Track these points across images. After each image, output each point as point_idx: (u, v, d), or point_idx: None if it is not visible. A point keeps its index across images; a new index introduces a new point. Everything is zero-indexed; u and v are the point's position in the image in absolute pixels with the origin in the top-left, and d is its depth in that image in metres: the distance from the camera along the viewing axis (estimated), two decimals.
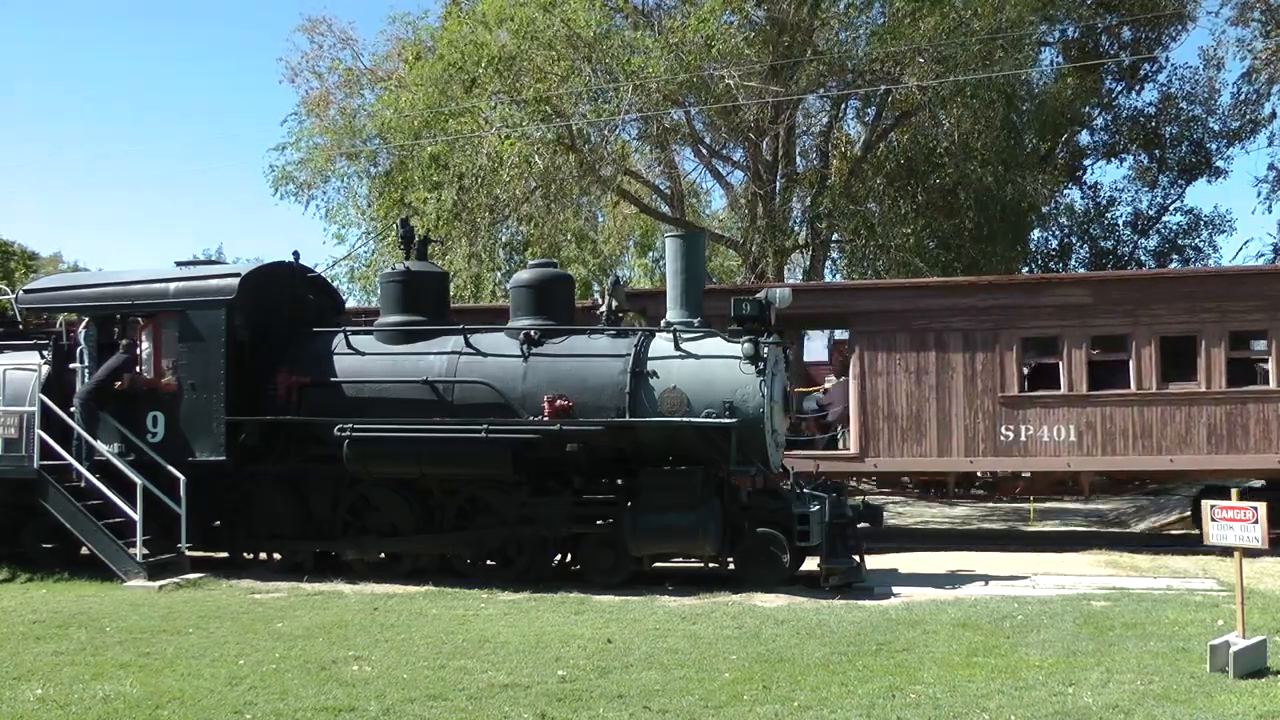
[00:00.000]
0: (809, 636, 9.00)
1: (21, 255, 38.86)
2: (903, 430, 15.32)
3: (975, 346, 15.15)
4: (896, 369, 15.36)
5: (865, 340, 15.51)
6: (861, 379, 15.43)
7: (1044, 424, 14.92)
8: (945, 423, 15.17)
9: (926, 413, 15.23)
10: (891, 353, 15.40)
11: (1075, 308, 15.04)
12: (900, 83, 21.10)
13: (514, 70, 20.69)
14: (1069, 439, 14.81)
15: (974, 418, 15.09)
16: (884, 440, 15.35)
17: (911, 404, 15.29)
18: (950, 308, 15.31)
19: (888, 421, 15.34)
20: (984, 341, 15.14)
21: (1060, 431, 14.86)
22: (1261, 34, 24.96)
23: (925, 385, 15.25)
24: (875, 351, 15.49)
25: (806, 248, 24.82)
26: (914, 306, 15.46)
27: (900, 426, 15.32)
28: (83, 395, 12.93)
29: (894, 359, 15.37)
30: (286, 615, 10.26)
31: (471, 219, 22.05)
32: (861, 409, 15.42)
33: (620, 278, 14.20)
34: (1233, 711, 6.58)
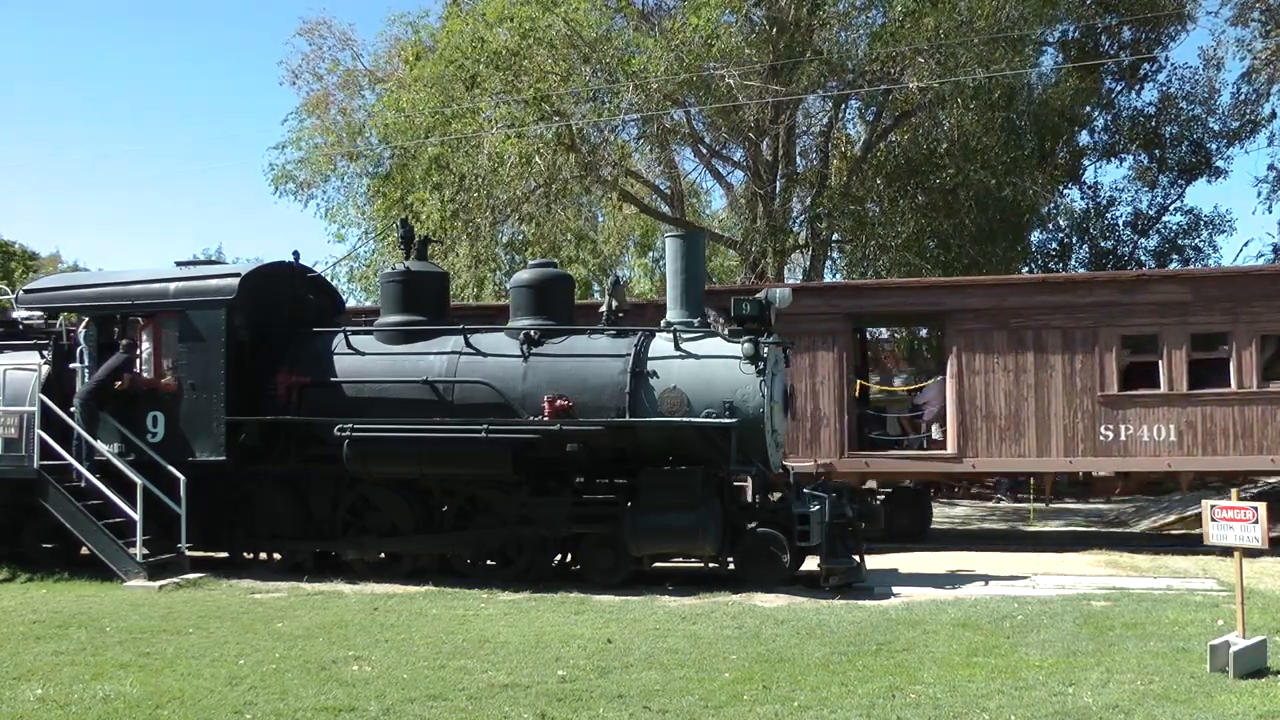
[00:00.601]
0: (809, 636, 9.00)
1: (21, 255, 38.87)
2: (1000, 430, 15.20)
3: (1074, 344, 15.05)
4: (994, 368, 15.25)
5: (962, 339, 15.38)
6: (959, 378, 15.32)
7: (1143, 423, 14.83)
8: (1044, 422, 15.07)
9: (1025, 412, 15.11)
10: (989, 351, 15.29)
11: (1174, 305, 14.95)
12: (900, 83, 21.10)
13: (514, 69, 20.70)
14: (1169, 438, 14.72)
15: (1073, 417, 14.99)
16: (982, 440, 15.24)
17: (1010, 403, 15.19)
18: (1048, 305, 15.20)
19: (985, 421, 15.24)
20: (1083, 340, 15.05)
21: (1160, 431, 14.77)
22: (1261, 34, 24.95)
23: (1024, 384, 15.14)
24: (973, 350, 15.36)
25: (806, 248, 24.83)
26: (1011, 304, 15.32)
27: (998, 426, 15.21)
28: (83, 395, 12.94)
29: (992, 358, 15.26)
30: (286, 615, 10.26)
31: (472, 219, 22.05)
32: (959, 408, 15.29)
33: (620, 278, 14.20)
34: (1233, 711, 6.58)
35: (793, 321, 15.33)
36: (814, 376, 15.68)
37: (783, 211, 23.42)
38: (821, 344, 15.71)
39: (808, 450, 15.51)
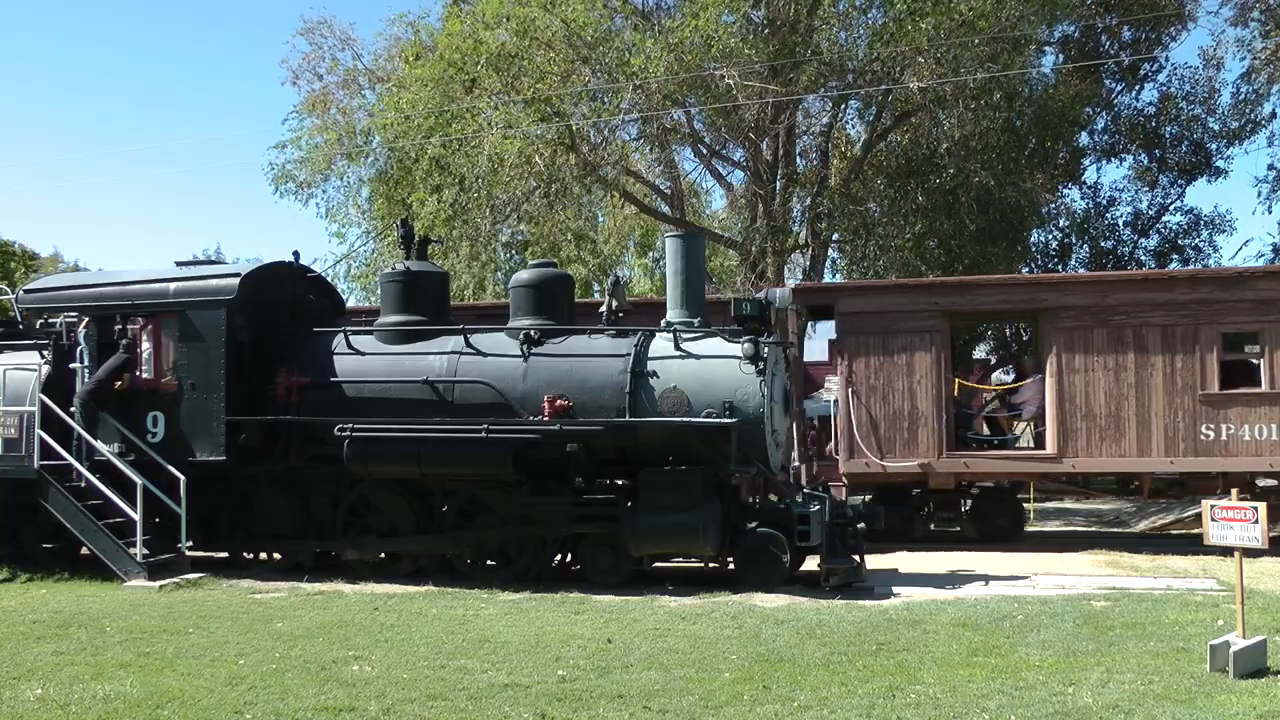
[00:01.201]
0: (809, 636, 9.00)
1: (21, 255, 38.85)
2: (1101, 429, 15.02)
3: (1174, 342, 14.88)
4: (1094, 366, 15.08)
5: (1062, 337, 15.20)
6: (1058, 376, 15.15)
7: (1245, 422, 14.65)
8: (1145, 421, 14.87)
9: (1126, 411, 14.93)
10: (1089, 349, 15.12)
11: (1276, 302, 14.73)
12: (900, 83, 21.09)
13: (513, 70, 20.69)
14: (1271, 437, 14.54)
15: (1174, 416, 14.81)
16: (1082, 439, 15.06)
17: (1110, 402, 14.99)
18: (1149, 302, 15.01)
19: (1085, 420, 15.06)
20: (1183, 337, 14.86)
21: (1262, 430, 14.59)
22: (1261, 34, 24.93)
23: (1124, 383, 14.96)
24: (1073, 348, 15.17)
25: (806, 248, 24.80)
26: (1113, 301, 15.13)
27: (1099, 425, 15.03)
28: (83, 395, 12.94)
29: (1092, 356, 15.10)
30: (287, 615, 10.27)
31: (471, 219, 22.04)
32: (1058, 407, 15.13)
33: (620, 278, 14.20)
34: (1233, 711, 6.59)
35: (889, 319, 15.37)
36: (911, 375, 15.43)
37: (783, 211, 23.39)
38: (919, 342, 15.44)
39: (906, 450, 15.29)
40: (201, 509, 13.02)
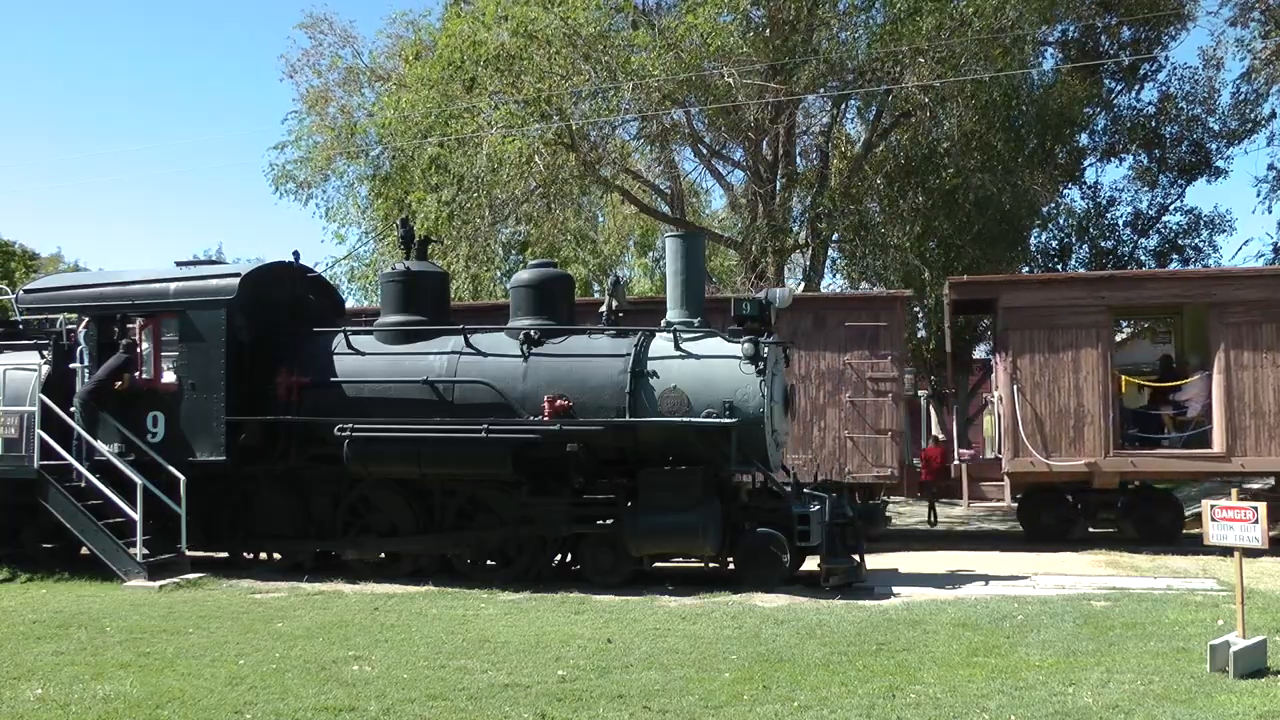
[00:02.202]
0: (809, 636, 9.00)
1: (22, 255, 38.84)
2: (1270, 428, 14.84)
3: None
4: (1264, 363, 14.90)
5: (1230, 333, 15.01)
6: (1226, 373, 14.98)
7: None
8: None
9: None
10: (1259, 345, 14.93)
11: None
12: (900, 83, 21.09)
13: (513, 69, 20.68)
14: None
15: None
16: (1250, 438, 14.86)
17: None
18: None
19: (1254, 418, 14.87)
20: None
21: None
22: (1261, 34, 24.91)
23: None
24: (1241, 345, 14.98)
25: (806, 248, 24.80)
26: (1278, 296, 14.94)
27: (1268, 424, 14.86)
28: (83, 395, 12.94)
29: (1261, 352, 14.91)
30: (287, 615, 10.27)
31: (471, 219, 22.03)
32: (1226, 405, 14.93)
33: (620, 278, 14.20)
34: (1233, 711, 6.58)
35: (1054, 314, 15.24)
36: (1077, 372, 15.23)
37: (783, 211, 23.37)
38: (1084, 338, 15.26)
39: (1072, 449, 15.13)
40: (201, 509, 13.02)
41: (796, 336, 15.75)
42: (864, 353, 16.05)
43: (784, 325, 15.73)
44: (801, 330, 15.97)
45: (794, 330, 15.78)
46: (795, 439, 15.61)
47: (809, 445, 15.99)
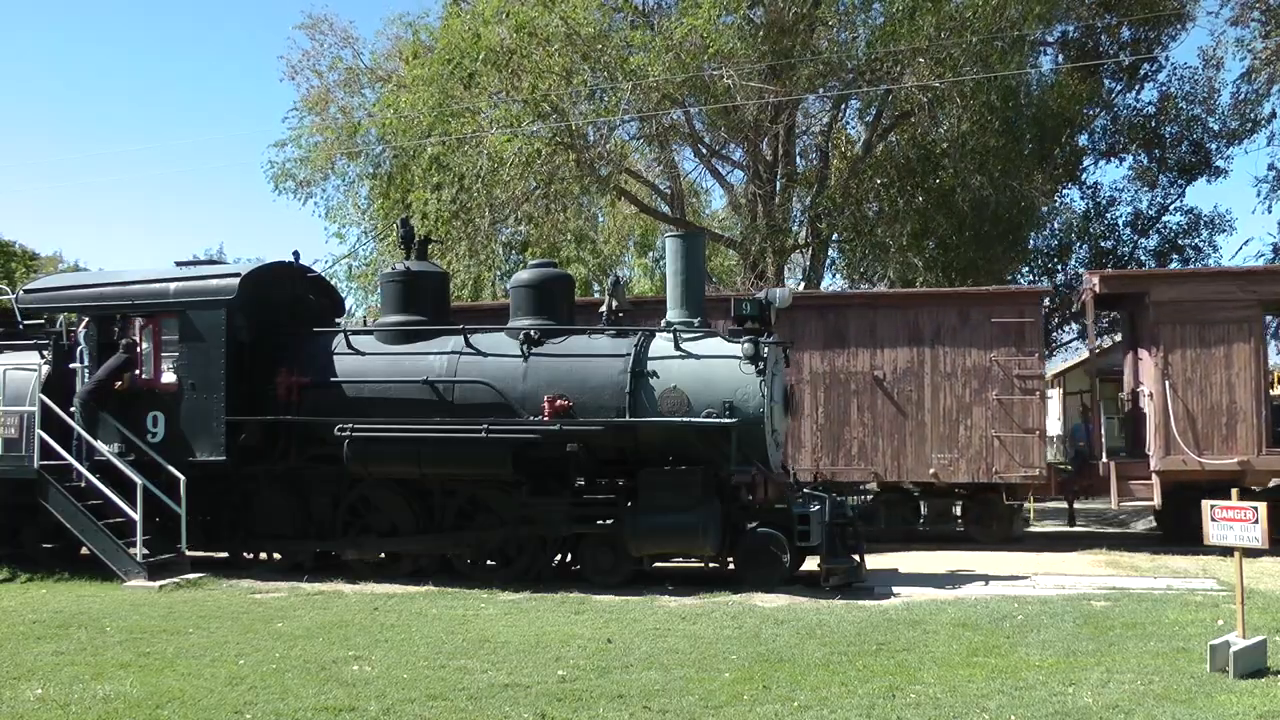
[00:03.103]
0: (809, 636, 9.00)
1: (22, 255, 38.82)
2: None
3: None
4: None
5: None
6: None
7: None
8: None
9: None
10: None
11: None
12: (900, 83, 21.09)
13: (512, 68, 20.68)
14: None
15: None
16: None
17: None
18: None
19: None
20: None
21: None
22: (1261, 34, 24.91)
23: None
24: None
25: (806, 248, 24.81)
26: None
27: None
28: (83, 395, 12.94)
29: None
30: (287, 615, 10.27)
31: (471, 219, 22.03)
32: None
33: (620, 278, 14.20)
34: (1233, 711, 6.58)
35: (1205, 309, 15.10)
36: (1229, 368, 15.00)
37: (783, 211, 23.38)
38: (1236, 333, 15.04)
39: (1224, 447, 14.91)
40: (202, 509, 13.01)
41: (942, 332, 15.66)
42: (1010, 349, 15.72)
43: (928, 320, 15.80)
44: (946, 326, 15.80)
45: (938, 326, 15.70)
46: (941, 437, 15.58)
47: (954, 444, 15.68)
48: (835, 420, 15.99)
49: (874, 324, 16.03)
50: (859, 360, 16.02)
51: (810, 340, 16.04)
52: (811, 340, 16.05)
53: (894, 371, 15.90)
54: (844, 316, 16.16)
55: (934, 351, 15.81)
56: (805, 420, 15.95)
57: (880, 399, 15.89)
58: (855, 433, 15.93)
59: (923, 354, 15.84)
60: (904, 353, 15.89)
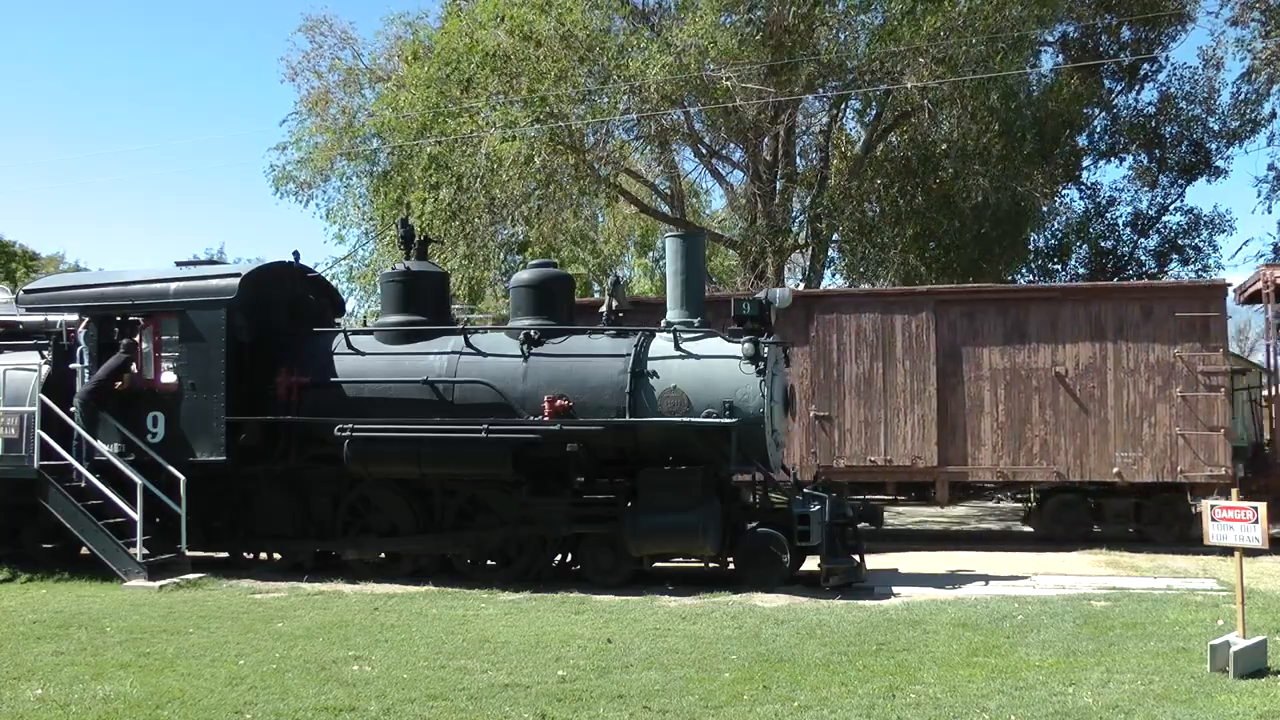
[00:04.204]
0: (809, 636, 9.00)
1: (22, 255, 38.84)
2: None
3: None
4: None
5: None
6: None
7: None
8: None
9: None
10: None
11: None
12: (899, 83, 21.09)
13: (510, 70, 20.69)
14: None
15: None
16: None
17: None
18: None
19: None
20: None
21: None
22: (1261, 34, 24.90)
23: None
24: None
25: (806, 248, 24.81)
26: None
27: None
28: (83, 395, 12.94)
29: None
30: (287, 615, 10.27)
31: (469, 219, 22.03)
32: None
33: (620, 278, 14.20)
34: (1233, 711, 6.59)
35: None
36: None
37: (783, 211, 23.39)
38: None
39: None
40: (202, 509, 13.01)
41: (1124, 327, 15.43)
42: (1194, 344, 15.34)
43: (1110, 315, 15.47)
44: (1129, 320, 15.52)
45: (1120, 320, 15.47)
46: (1124, 435, 15.33)
47: (1138, 442, 15.39)
48: (1016, 418, 15.64)
49: (1055, 319, 15.68)
50: (1040, 356, 15.68)
51: (990, 336, 15.76)
52: (991, 335, 15.76)
53: (1076, 368, 15.56)
54: (1025, 311, 15.79)
55: (1116, 347, 15.48)
56: (985, 418, 15.67)
57: (1062, 396, 15.55)
58: (1037, 430, 15.60)
59: (1105, 349, 15.51)
60: (1086, 348, 15.55)
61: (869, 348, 15.92)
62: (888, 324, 15.89)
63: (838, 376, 15.94)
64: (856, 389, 15.89)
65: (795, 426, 15.58)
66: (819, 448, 15.87)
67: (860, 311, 16.03)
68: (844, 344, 15.97)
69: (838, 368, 15.95)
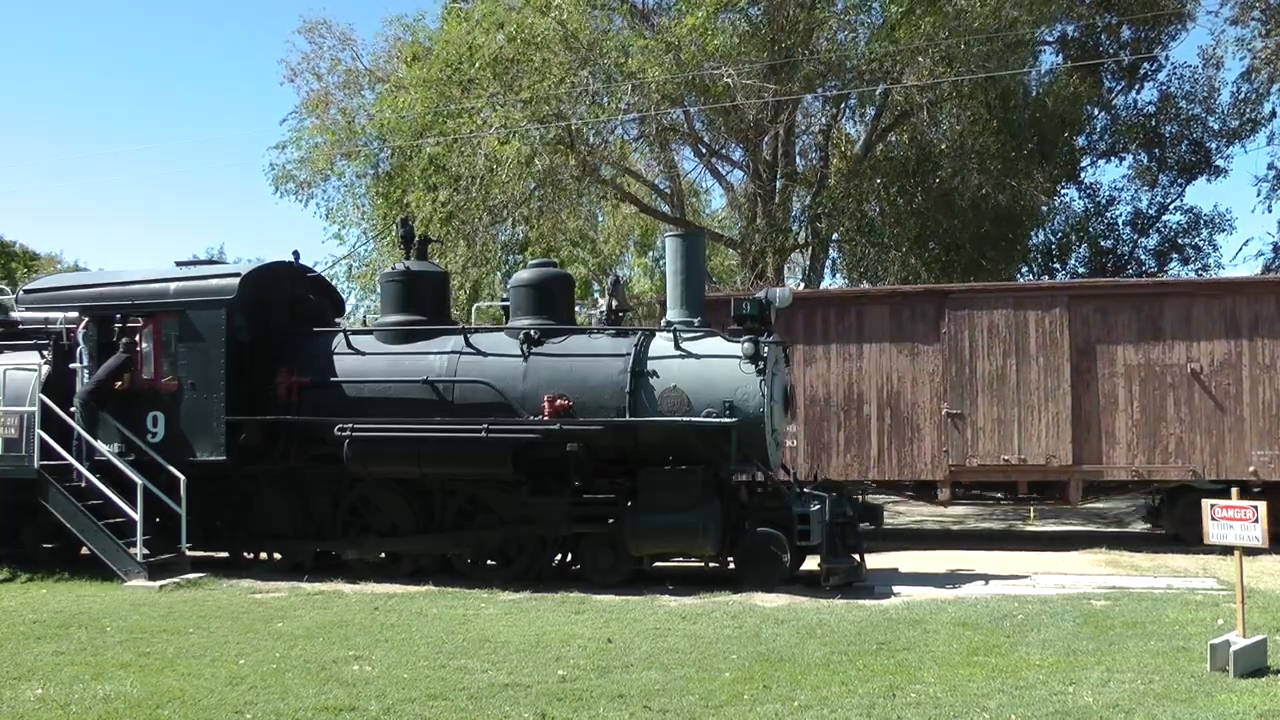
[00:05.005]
0: (809, 636, 9.00)
1: (22, 255, 38.83)
2: None
3: None
4: None
5: None
6: None
7: None
8: None
9: None
10: None
11: None
12: (899, 83, 21.10)
13: (511, 72, 20.70)
14: None
15: None
16: None
17: None
18: None
19: None
20: None
21: None
22: (1261, 33, 24.92)
23: None
24: None
25: (806, 247, 24.82)
26: None
27: None
28: (83, 395, 12.94)
29: None
30: (287, 615, 10.27)
31: (469, 220, 22.04)
32: None
33: (620, 278, 14.20)
34: (1233, 711, 6.59)
35: None
36: None
37: (783, 211, 23.40)
38: None
39: None
40: (202, 509, 13.01)
41: (1260, 322, 15.20)
42: None
43: (1246, 310, 15.19)
44: (1265, 315, 15.27)
45: (1255, 316, 15.23)
46: (1260, 433, 15.08)
47: (1275, 441, 15.03)
48: (1151, 415, 15.38)
49: (1189, 314, 15.42)
50: (1174, 352, 15.41)
51: (1123, 331, 15.48)
52: (1125, 331, 15.51)
53: (1211, 364, 15.31)
54: (1159, 306, 15.52)
55: (1251, 343, 15.23)
56: (1120, 415, 15.41)
57: (1197, 392, 15.30)
58: (1172, 429, 15.33)
59: (1239, 345, 15.25)
60: (1220, 344, 15.29)
61: (1001, 344, 15.60)
62: (1020, 320, 15.58)
63: (970, 373, 15.61)
64: (989, 386, 15.57)
65: (927, 424, 15.56)
66: (951, 446, 15.57)
67: (993, 307, 15.70)
68: (976, 340, 15.63)
69: (970, 364, 15.61)
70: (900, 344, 15.81)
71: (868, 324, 15.91)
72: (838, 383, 15.89)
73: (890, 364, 15.82)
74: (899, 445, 15.75)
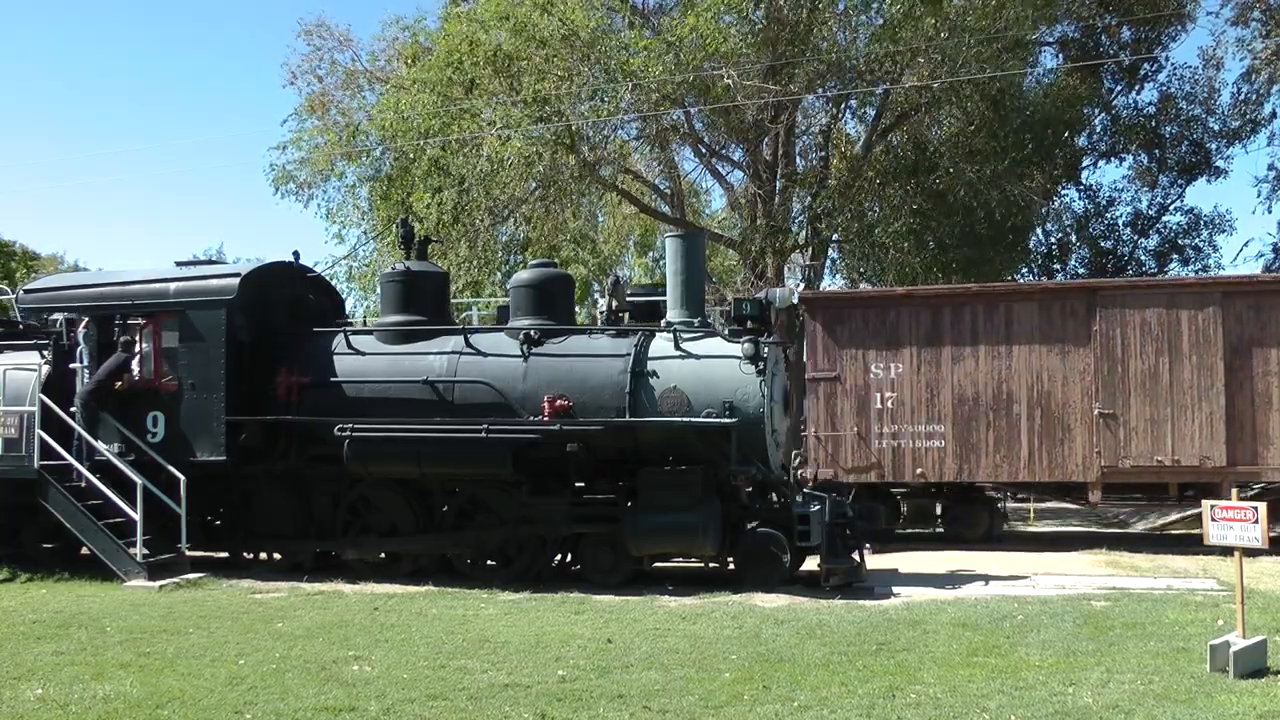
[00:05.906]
0: (809, 636, 9.00)
1: (22, 255, 38.84)
2: None
3: None
4: None
5: None
6: None
7: None
8: None
9: None
10: None
11: None
12: (899, 83, 21.09)
13: (512, 71, 20.70)
14: None
15: None
16: None
17: None
18: None
19: None
20: None
21: None
22: (1261, 34, 24.92)
23: None
24: None
25: (806, 248, 24.81)
26: None
27: None
28: (83, 395, 12.95)
29: None
30: (287, 615, 10.27)
31: (471, 220, 22.03)
32: None
33: (620, 278, 14.20)
34: (1233, 711, 6.58)
35: None
36: None
37: (783, 211, 23.38)
38: None
39: None
40: (202, 509, 13.01)
41: None
42: None
43: None
44: None
45: None
46: None
47: None
48: None
49: None
50: None
51: (1278, 329, 15.03)
52: (1279, 329, 15.07)
53: None
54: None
55: None
56: (1275, 415, 15.00)
57: None
58: None
59: None
60: None
61: (1154, 342, 15.28)
62: (1173, 318, 15.23)
63: (1122, 372, 15.28)
64: (1142, 386, 15.26)
65: (1078, 424, 15.27)
66: (1103, 446, 15.26)
67: (1145, 305, 15.36)
68: (1128, 339, 15.30)
69: (1122, 363, 15.29)
70: (1050, 343, 15.46)
71: (1016, 322, 15.58)
72: (986, 382, 15.59)
73: (1040, 363, 15.49)
74: (1049, 446, 15.40)
